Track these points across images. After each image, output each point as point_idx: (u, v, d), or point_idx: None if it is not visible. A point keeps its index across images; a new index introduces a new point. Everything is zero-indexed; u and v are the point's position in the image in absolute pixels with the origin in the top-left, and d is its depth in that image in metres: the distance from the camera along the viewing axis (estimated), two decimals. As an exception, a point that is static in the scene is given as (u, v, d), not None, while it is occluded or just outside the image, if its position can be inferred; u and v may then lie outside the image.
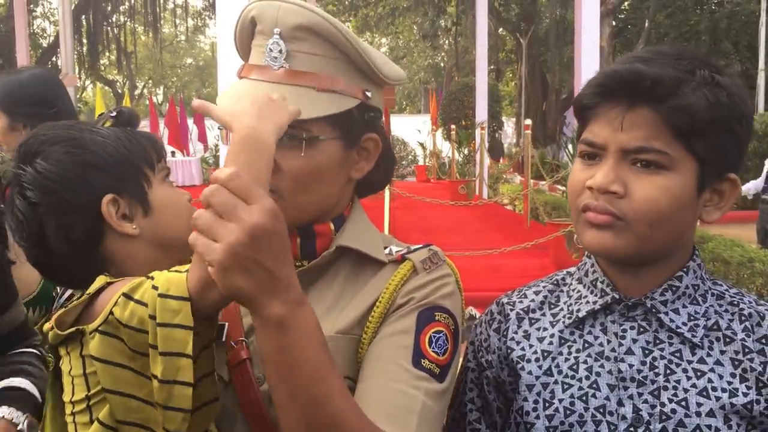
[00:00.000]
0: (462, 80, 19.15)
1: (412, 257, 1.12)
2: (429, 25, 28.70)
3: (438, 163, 17.19)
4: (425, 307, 1.07)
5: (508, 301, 1.22)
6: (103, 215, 1.08)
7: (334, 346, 1.04)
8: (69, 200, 1.07)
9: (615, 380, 1.06)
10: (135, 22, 29.11)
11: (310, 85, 1.09)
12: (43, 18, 29.90)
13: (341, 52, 1.11)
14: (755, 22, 19.63)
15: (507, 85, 33.49)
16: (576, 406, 1.08)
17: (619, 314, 1.09)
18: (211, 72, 40.16)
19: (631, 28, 24.56)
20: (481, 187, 12.46)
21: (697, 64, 1.00)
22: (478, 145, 12.68)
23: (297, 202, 1.10)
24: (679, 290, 1.07)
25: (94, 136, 1.12)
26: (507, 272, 5.94)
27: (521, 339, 1.17)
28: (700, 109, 0.97)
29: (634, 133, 1.00)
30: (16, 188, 1.10)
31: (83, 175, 1.08)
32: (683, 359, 1.05)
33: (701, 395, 1.02)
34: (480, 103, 14.11)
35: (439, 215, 9.48)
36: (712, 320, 1.07)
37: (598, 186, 1.01)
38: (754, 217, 8.48)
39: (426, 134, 18.67)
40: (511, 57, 30.33)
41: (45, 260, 1.11)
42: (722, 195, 1.05)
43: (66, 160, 1.08)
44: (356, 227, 1.16)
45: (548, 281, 1.22)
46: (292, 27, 1.09)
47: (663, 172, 1.00)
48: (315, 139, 1.09)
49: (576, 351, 1.11)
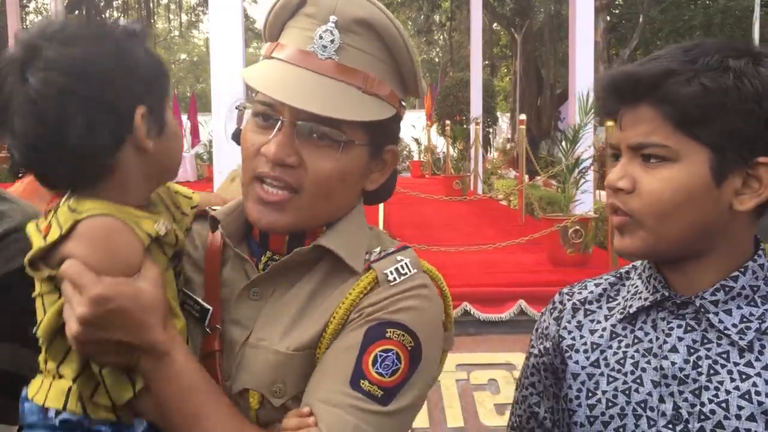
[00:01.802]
0: (457, 75, 19.16)
1: (377, 266, 1.05)
2: (423, 20, 28.66)
3: (433, 159, 17.17)
4: (376, 323, 1.00)
5: (568, 292, 1.24)
6: (135, 125, 1.00)
7: (289, 363, 1.03)
8: (107, 97, 0.97)
9: (659, 377, 1.06)
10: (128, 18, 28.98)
11: (357, 85, 1.03)
12: (36, 13, 29.74)
13: (393, 56, 1.06)
14: (749, 18, 19.64)
15: (502, 80, 33.46)
16: (618, 399, 1.08)
17: (668, 312, 1.09)
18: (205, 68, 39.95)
19: (625, 23, 24.56)
20: (476, 183, 12.45)
21: (708, 51, 0.99)
22: (472, 141, 12.67)
23: (316, 206, 1.05)
24: (733, 291, 1.04)
25: (134, 45, 1.03)
26: (502, 267, 5.93)
27: (573, 329, 1.18)
28: (692, 98, 0.97)
29: (634, 130, 1.02)
30: (30, 67, 0.95)
31: (129, 75, 0.99)
32: (729, 361, 1.03)
33: (743, 398, 1.01)
34: (475, 98, 14.09)
35: (434, 211, 9.46)
36: (766, 323, 1.03)
37: (609, 184, 1.05)
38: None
39: (421, 130, 18.66)
40: (505, 52, 30.31)
41: (43, 157, 0.98)
42: (760, 180, 1.00)
43: (115, 53, 0.99)
44: (344, 230, 1.09)
45: (613, 274, 1.22)
46: (352, 19, 1.03)
47: (668, 165, 1.00)
48: (351, 143, 1.03)
49: (625, 346, 1.11)
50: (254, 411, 1.03)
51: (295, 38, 1.05)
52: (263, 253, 1.11)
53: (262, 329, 1.06)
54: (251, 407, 1.03)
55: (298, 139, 1.02)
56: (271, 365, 1.03)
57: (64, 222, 0.99)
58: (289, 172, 1.02)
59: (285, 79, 1.01)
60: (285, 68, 1.03)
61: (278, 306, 1.07)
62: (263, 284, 1.09)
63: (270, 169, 1.02)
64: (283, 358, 1.03)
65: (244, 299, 1.09)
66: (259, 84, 1.02)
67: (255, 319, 1.07)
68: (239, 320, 1.08)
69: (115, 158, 1.01)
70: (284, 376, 1.03)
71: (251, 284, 1.09)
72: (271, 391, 1.02)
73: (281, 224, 1.05)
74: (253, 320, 1.07)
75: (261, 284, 1.09)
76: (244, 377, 1.04)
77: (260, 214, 1.04)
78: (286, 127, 1.02)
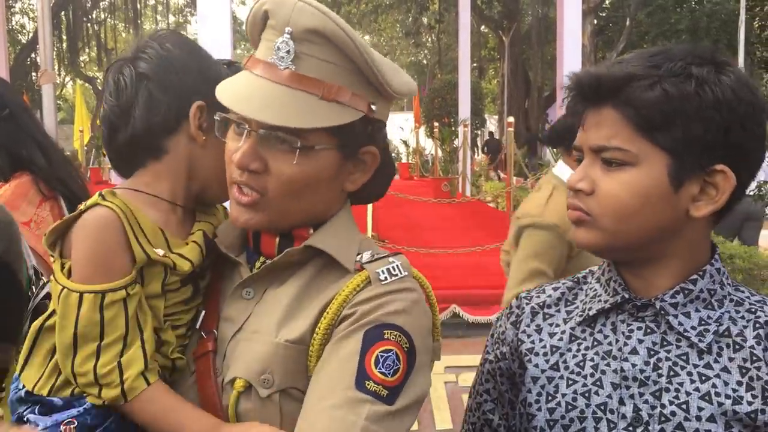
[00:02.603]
0: (445, 78, 19.18)
1: (369, 267, 1.09)
2: (412, 22, 28.71)
3: (421, 161, 17.19)
4: (373, 325, 1.03)
5: (526, 296, 1.23)
6: (190, 114, 1.16)
7: (281, 353, 1.05)
8: (175, 83, 1.16)
9: (618, 379, 1.06)
10: (115, 19, 28.85)
11: (315, 93, 1.06)
12: (21, 14, 29.53)
13: (351, 61, 1.08)
14: (734, 21, 19.82)
15: (490, 82, 33.57)
16: (578, 402, 1.08)
17: (628, 314, 1.09)
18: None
19: (612, 27, 24.70)
20: (464, 185, 12.48)
21: (673, 58, 1.00)
22: (460, 143, 12.70)
23: (284, 206, 1.09)
24: (692, 293, 1.05)
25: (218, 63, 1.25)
26: (490, 269, 5.94)
27: (532, 332, 1.17)
28: (654, 103, 0.97)
29: (596, 133, 1.03)
30: (131, 60, 1.18)
31: (197, 72, 1.18)
32: (689, 362, 1.03)
33: (703, 399, 1.01)
34: (463, 100, 14.12)
35: (423, 213, 9.48)
36: (724, 326, 1.04)
37: (570, 184, 1.06)
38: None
39: (409, 132, 18.67)
40: (493, 54, 30.42)
41: (117, 128, 1.17)
42: (716, 187, 1.01)
43: (192, 53, 1.20)
44: (334, 230, 1.14)
45: (570, 279, 1.23)
46: (304, 29, 1.06)
47: (627, 168, 1.01)
48: (310, 149, 1.07)
49: (584, 348, 1.11)
50: (236, 393, 1.05)
51: (262, 50, 1.10)
52: (257, 259, 1.17)
53: (256, 323, 1.10)
54: (234, 389, 1.05)
55: (264, 146, 1.08)
56: (262, 355, 1.06)
57: (89, 203, 1.10)
58: (255, 177, 1.08)
59: (248, 91, 1.07)
60: (251, 80, 1.08)
61: (270, 302, 1.11)
62: (255, 284, 1.14)
63: (239, 175, 1.09)
64: (275, 348, 1.06)
65: (236, 298, 1.14)
66: (224, 97, 1.08)
67: (247, 315, 1.12)
68: (231, 317, 1.13)
69: (170, 141, 1.16)
70: (274, 366, 1.05)
71: (243, 284, 1.14)
72: (259, 380, 1.05)
73: (254, 222, 1.11)
74: (245, 317, 1.11)
75: (253, 284, 1.14)
76: (235, 367, 1.07)
77: (237, 214, 1.11)
78: (251, 136, 1.08)
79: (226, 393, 1.07)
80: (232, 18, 6.18)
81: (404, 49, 35.84)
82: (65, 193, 2.13)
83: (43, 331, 1.10)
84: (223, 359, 1.10)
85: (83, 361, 1.05)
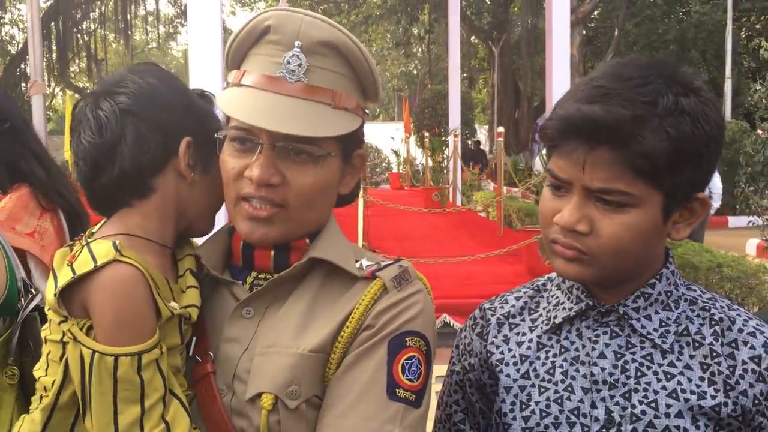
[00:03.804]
0: (435, 88, 19.23)
1: (383, 275, 1.11)
2: (402, 33, 28.81)
3: (412, 171, 17.22)
4: (395, 334, 1.07)
5: (489, 307, 1.24)
6: (179, 152, 1.12)
7: (305, 364, 1.06)
8: (163, 120, 1.11)
9: (589, 383, 1.09)
10: (106, 29, 28.81)
11: (327, 102, 1.10)
12: (11, 25, 29.48)
13: (354, 70, 1.13)
14: (722, 32, 19.99)
15: (479, 92, 33.71)
16: (551, 409, 1.10)
17: (593, 320, 1.11)
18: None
19: (601, 37, 24.87)
20: (455, 195, 12.51)
21: (661, 89, 0.98)
22: (451, 153, 12.73)
23: (302, 217, 1.12)
24: (651, 297, 1.09)
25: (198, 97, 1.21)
26: (480, 279, 5.96)
27: (501, 343, 1.19)
28: (661, 150, 0.97)
29: (596, 174, 1.00)
30: (108, 94, 1.12)
31: (183, 108, 1.14)
32: (654, 362, 1.07)
33: (671, 397, 1.04)
34: (453, 110, 14.19)
35: (413, 223, 9.49)
36: (682, 326, 1.08)
37: (564, 224, 1.03)
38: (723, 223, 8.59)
39: (399, 141, 18.71)
40: (483, 65, 30.55)
41: (102, 166, 1.11)
42: (693, 212, 1.06)
43: (175, 87, 1.16)
44: (330, 240, 1.16)
45: (530, 287, 1.24)
46: (315, 42, 1.09)
47: (628, 210, 1.01)
48: (326, 157, 1.10)
49: (553, 355, 1.13)
50: (266, 412, 1.04)
51: (260, 65, 1.11)
52: (247, 275, 1.17)
53: (267, 338, 1.09)
54: (263, 407, 1.04)
55: (279, 159, 1.08)
56: (286, 367, 1.06)
57: (102, 255, 1.02)
58: (274, 190, 1.08)
59: (259, 106, 1.07)
60: (257, 95, 1.09)
61: (278, 317, 1.11)
62: (256, 302, 1.13)
63: (255, 190, 1.09)
64: (299, 360, 1.06)
65: (237, 318, 1.13)
66: (237, 112, 1.07)
67: (251, 334, 1.11)
68: (235, 338, 1.12)
69: (157, 179, 1.12)
70: (300, 378, 1.06)
71: (243, 303, 1.13)
72: (286, 392, 1.05)
73: (272, 236, 1.11)
74: (250, 336, 1.11)
75: (254, 302, 1.13)
76: (257, 382, 1.06)
77: (251, 229, 1.11)
78: (266, 150, 1.08)
79: (247, 411, 1.05)
80: (223, 29, 6.19)
81: (395, 59, 35.96)
82: (63, 206, 2.15)
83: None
84: (232, 379, 1.08)
85: (128, 427, 1.01)
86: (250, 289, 1.15)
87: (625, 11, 22.20)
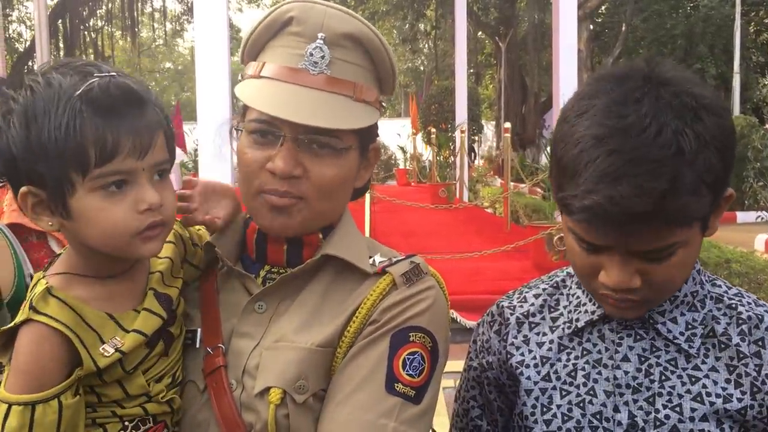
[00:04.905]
0: (441, 84, 19.21)
1: (393, 270, 1.11)
2: (408, 29, 28.77)
3: (418, 167, 17.21)
4: (399, 329, 1.06)
5: (508, 304, 1.22)
6: (20, 200, 1.01)
7: (312, 359, 1.06)
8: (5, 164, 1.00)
9: (611, 387, 1.07)
10: (112, 27, 28.85)
11: (349, 95, 1.09)
12: (19, 22, 29.55)
13: (374, 63, 1.13)
14: (730, 26, 19.89)
15: (486, 88, 33.63)
16: (573, 413, 1.08)
17: (617, 323, 1.09)
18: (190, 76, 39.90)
19: (608, 32, 24.79)
20: (462, 191, 12.49)
21: (677, 126, 0.90)
22: (457, 148, 12.71)
23: (321, 208, 1.12)
24: (677, 299, 1.07)
25: (45, 119, 0.96)
26: (487, 275, 5.95)
27: (521, 344, 1.17)
28: (702, 201, 0.93)
29: (635, 239, 0.94)
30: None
31: (29, 154, 0.98)
32: (678, 366, 1.05)
33: (695, 401, 1.03)
34: (459, 106, 14.15)
35: (420, 219, 9.48)
36: (708, 327, 1.06)
37: (615, 285, 0.98)
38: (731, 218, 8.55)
39: (406, 138, 18.69)
40: (490, 60, 30.47)
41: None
42: (721, 210, 1.02)
43: (31, 128, 0.97)
44: (344, 236, 1.16)
45: (548, 283, 1.22)
46: (339, 34, 1.09)
47: (679, 251, 0.97)
48: (348, 150, 1.10)
49: (574, 358, 1.11)
50: (274, 406, 1.04)
51: (281, 57, 1.10)
52: (260, 268, 1.17)
53: (276, 332, 1.09)
54: (271, 402, 1.04)
55: (300, 152, 1.07)
56: (294, 361, 1.06)
57: (34, 300, 0.99)
58: (295, 183, 1.08)
59: (282, 98, 1.06)
60: (279, 87, 1.08)
61: (289, 312, 1.11)
62: (269, 297, 1.13)
63: (278, 184, 1.08)
64: (307, 354, 1.06)
65: (249, 312, 1.13)
66: (261, 104, 1.06)
67: (263, 329, 1.11)
68: (247, 332, 1.12)
69: (52, 219, 1.02)
70: (307, 372, 1.06)
71: (256, 298, 1.13)
72: (294, 387, 1.05)
73: (291, 226, 1.11)
74: (261, 331, 1.11)
75: (266, 297, 1.13)
76: (266, 377, 1.06)
77: (272, 220, 1.11)
78: (288, 142, 1.07)
79: (256, 405, 1.05)
80: (229, 25, 6.19)
81: (401, 55, 35.91)
82: None
83: None
84: (242, 374, 1.08)
85: None
86: (262, 283, 1.15)
87: (633, 6, 22.10)
